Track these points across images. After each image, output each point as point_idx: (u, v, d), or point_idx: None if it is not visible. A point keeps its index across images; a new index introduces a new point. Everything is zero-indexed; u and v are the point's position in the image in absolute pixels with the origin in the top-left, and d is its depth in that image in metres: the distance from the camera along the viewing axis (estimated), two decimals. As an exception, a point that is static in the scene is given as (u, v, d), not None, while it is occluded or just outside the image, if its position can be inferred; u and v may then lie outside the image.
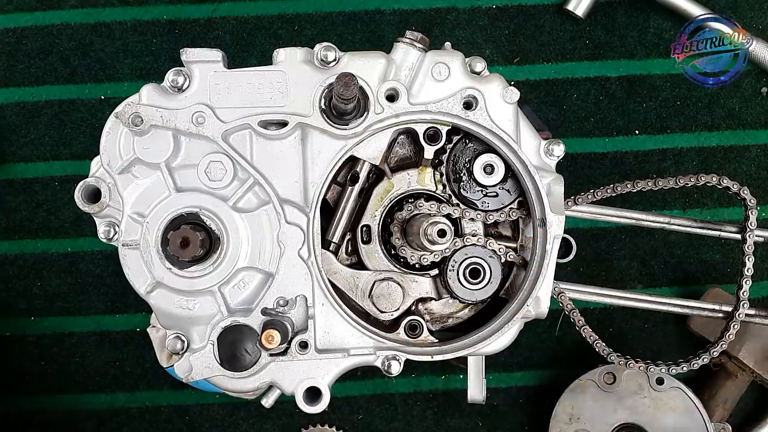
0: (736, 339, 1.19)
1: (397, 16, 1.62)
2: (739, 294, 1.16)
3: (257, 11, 1.61)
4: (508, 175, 1.05)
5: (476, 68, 1.02)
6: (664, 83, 1.63)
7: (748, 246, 1.15)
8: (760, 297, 1.62)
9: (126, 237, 0.98)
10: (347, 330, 0.96)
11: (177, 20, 1.60)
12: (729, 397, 1.50)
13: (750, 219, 1.15)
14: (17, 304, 1.57)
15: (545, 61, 1.63)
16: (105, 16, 1.60)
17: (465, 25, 1.62)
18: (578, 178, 1.59)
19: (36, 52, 1.59)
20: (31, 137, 1.58)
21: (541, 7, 1.63)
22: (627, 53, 1.63)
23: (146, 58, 1.59)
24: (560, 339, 1.57)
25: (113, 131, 0.99)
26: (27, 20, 1.59)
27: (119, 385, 1.57)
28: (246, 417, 1.56)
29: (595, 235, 1.59)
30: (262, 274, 1.00)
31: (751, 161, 1.63)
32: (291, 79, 0.97)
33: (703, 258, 1.61)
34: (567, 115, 1.62)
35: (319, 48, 0.97)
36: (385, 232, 1.08)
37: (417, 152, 1.07)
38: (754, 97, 1.63)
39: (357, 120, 0.98)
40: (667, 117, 1.63)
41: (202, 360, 0.95)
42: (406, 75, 0.99)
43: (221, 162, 0.98)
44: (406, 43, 1.00)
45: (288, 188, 0.99)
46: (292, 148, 0.99)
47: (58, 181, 1.58)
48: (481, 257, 1.06)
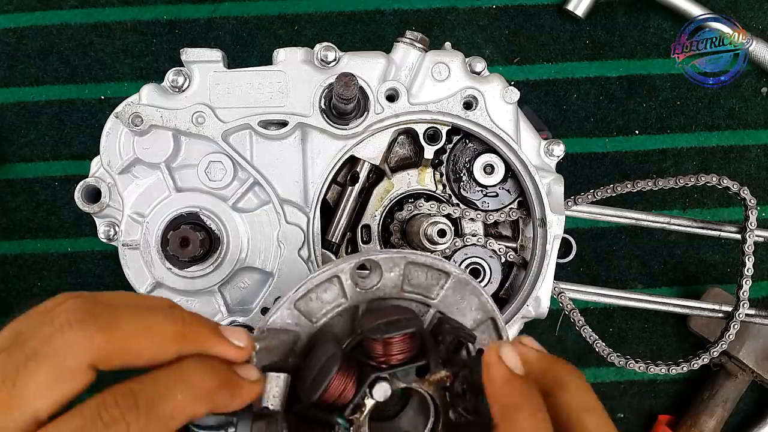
0: (736, 339, 1.19)
1: (397, 16, 1.62)
2: (739, 294, 1.16)
3: (257, 11, 1.61)
4: (508, 175, 1.05)
5: (476, 68, 1.02)
6: (664, 83, 1.62)
7: (748, 246, 1.15)
8: (760, 297, 1.62)
9: (126, 237, 0.98)
10: (347, 330, 0.96)
11: (177, 20, 1.60)
12: (729, 397, 1.50)
13: (750, 219, 1.15)
14: (17, 304, 1.57)
15: (545, 61, 1.63)
16: (105, 16, 1.60)
17: (465, 25, 1.62)
18: (578, 178, 1.59)
19: (36, 52, 1.59)
20: (31, 137, 1.58)
21: (541, 7, 1.63)
22: (627, 53, 1.63)
23: (146, 58, 1.59)
24: (560, 339, 1.57)
25: (113, 131, 0.99)
26: (27, 20, 1.59)
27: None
28: (246, 417, 1.56)
29: (595, 235, 1.59)
30: (262, 274, 1.00)
31: (751, 161, 1.63)
32: (291, 79, 0.97)
33: (703, 258, 1.61)
34: (567, 115, 1.62)
35: (319, 48, 0.97)
36: (385, 232, 1.08)
37: (417, 152, 1.07)
38: (754, 97, 1.63)
39: (357, 120, 0.98)
40: (667, 117, 1.63)
41: (202, 360, 0.94)
42: (406, 75, 0.99)
43: (221, 162, 0.98)
44: (406, 43, 1.00)
45: (288, 188, 0.99)
46: (292, 148, 0.99)
47: (58, 181, 1.58)
48: (481, 257, 1.06)
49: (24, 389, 0.49)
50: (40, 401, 0.49)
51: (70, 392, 0.50)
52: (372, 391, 0.66)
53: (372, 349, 0.67)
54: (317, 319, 0.71)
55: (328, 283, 0.72)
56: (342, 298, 0.73)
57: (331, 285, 0.72)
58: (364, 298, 0.73)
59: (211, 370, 0.55)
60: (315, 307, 0.72)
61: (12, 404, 0.49)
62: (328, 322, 0.72)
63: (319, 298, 0.72)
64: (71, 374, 0.50)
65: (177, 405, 0.51)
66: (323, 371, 0.65)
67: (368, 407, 0.67)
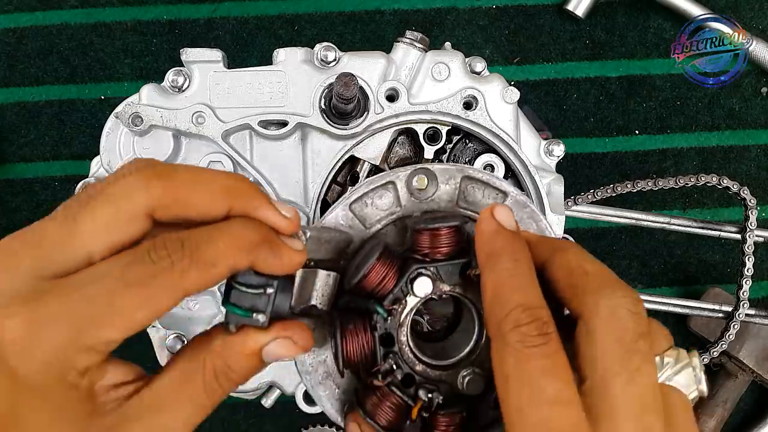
0: (736, 339, 1.19)
1: (397, 16, 1.62)
2: (739, 294, 1.16)
3: (257, 11, 1.61)
4: (508, 175, 1.05)
5: (476, 68, 1.02)
6: (664, 83, 1.63)
7: (748, 246, 1.15)
8: (760, 297, 1.62)
9: (126, 237, 0.98)
10: (347, 330, 0.96)
11: (177, 20, 1.60)
12: (729, 397, 1.50)
13: (750, 219, 1.15)
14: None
15: (545, 61, 1.63)
16: (105, 16, 1.60)
17: (465, 25, 1.62)
18: (578, 178, 1.59)
19: (36, 52, 1.59)
20: (31, 137, 1.58)
21: (541, 7, 1.63)
22: (627, 53, 1.63)
23: (146, 58, 1.60)
24: (560, 339, 1.57)
25: (113, 131, 0.99)
26: (27, 20, 1.59)
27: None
28: (246, 417, 1.56)
29: (595, 235, 1.59)
30: (262, 274, 1.00)
31: (751, 161, 1.63)
32: (291, 79, 0.97)
33: (703, 258, 1.61)
34: (567, 115, 1.62)
35: (319, 48, 0.97)
36: (385, 232, 1.09)
37: (417, 152, 1.07)
38: (754, 97, 1.64)
39: (357, 120, 0.98)
40: (667, 117, 1.63)
41: (202, 360, 0.94)
42: (406, 75, 0.99)
43: (221, 162, 0.98)
44: (406, 43, 1.00)
45: (288, 188, 0.99)
46: (292, 148, 0.99)
47: (58, 181, 1.58)
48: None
49: (82, 226, 0.51)
50: (96, 240, 0.51)
51: (125, 237, 0.52)
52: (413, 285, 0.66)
53: (417, 242, 0.67)
54: (371, 225, 0.72)
55: (383, 189, 0.74)
56: (396, 207, 0.74)
57: (386, 191, 0.74)
58: (418, 208, 0.73)
59: (255, 226, 0.57)
60: (369, 213, 0.74)
61: (69, 240, 0.51)
62: (381, 230, 0.73)
63: (374, 204, 0.74)
64: (128, 218, 0.52)
65: (219, 251, 0.53)
66: (366, 258, 0.65)
67: (410, 305, 0.68)
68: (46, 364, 0.49)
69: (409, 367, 0.70)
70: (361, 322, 0.66)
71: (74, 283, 0.50)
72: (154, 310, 0.52)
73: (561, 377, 0.52)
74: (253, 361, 0.59)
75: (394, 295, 0.66)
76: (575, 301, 0.56)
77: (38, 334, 0.49)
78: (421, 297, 0.67)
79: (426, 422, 0.68)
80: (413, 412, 0.67)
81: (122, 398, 0.54)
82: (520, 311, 0.54)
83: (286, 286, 0.60)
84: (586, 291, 0.55)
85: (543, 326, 0.53)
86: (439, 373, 0.70)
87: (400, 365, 0.69)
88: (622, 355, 0.52)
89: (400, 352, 0.69)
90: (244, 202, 0.57)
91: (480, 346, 0.70)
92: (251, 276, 0.57)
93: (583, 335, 0.54)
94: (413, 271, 0.66)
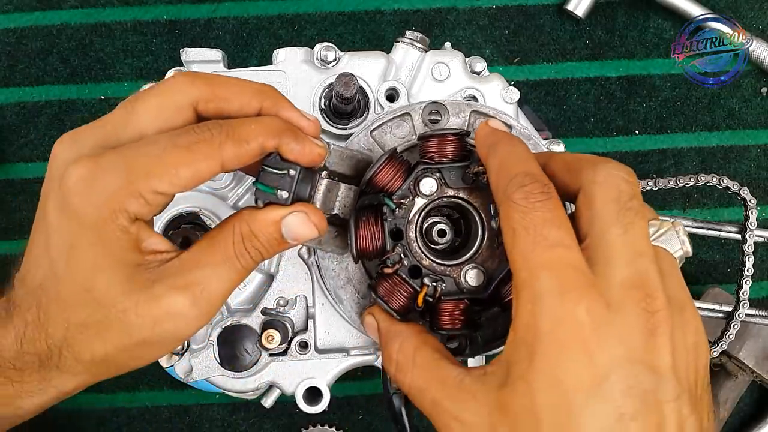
0: (736, 339, 1.19)
1: (397, 16, 1.62)
2: (739, 294, 1.16)
3: (257, 11, 1.61)
4: (508, 175, 1.05)
5: (476, 68, 1.02)
6: (664, 83, 1.63)
7: (748, 246, 1.15)
8: (760, 297, 1.62)
9: (126, 237, 0.98)
10: (347, 330, 0.96)
11: (177, 20, 1.60)
12: (729, 397, 1.50)
13: (750, 219, 1.15)
14: (17, 304, 1.57)
15: (545, 61, 1.63)
16: (105, 16, 1.60)
17: (465, 25, 1.62)
18: (578, 178, 1.59)
19: (36, 52, 1.59)
20: (31, 137, 1.58)
21: (541, 7, 1.63)
22: (627, 53, 1.63)
23: (146, 58, 1.59)
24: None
25: (113, 131, 0.99)
26: (27, 20, 1.59)
27: (119, 385, 1.57)
28: (246, 417, 1.56)
29: (595, 235, 1.59)
30: (262, 275, 1.00)
31: (751, 161, 1.63)
32: (291, 79, 0.97)
33: (703, 258, 1.61)
34: (567, 115, 1.62)
35: (319, 48, 0.97)
36: (385, 232, 1.09)
37: (417, 152, 1.08)
38: (754, 97, 1.64)
39: (357, 120, 0.98)
40: (667, 117, 1.63)
41: (202, 360, 0.95)
42: (406, 75, 0.99)
43: (221, 162, 0.98)
44: (406, 43, 1.00)
45: (288, 188, 0.99)
46: (292, 148, 0.99)
47: (58, 181, 1.58)
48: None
49: (139, 111, 0.64)
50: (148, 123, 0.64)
51: (172, 123, 0.64)
52: (419, 185, 0.77)
53: (425, 147, 0.78)
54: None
55: (400, 119, 0.89)
56: (412, 135, 0.88)
57: (403, 122, 0.88)
58: None
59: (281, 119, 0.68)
60: (388, 140, 0.87)
61: (128, 121, 0.64)
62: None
63: (393, 132, 0.88)
64: (176, 107, 0.64)
65: (251, 131, 0.64)
66: (378, 159, 0.76)
67: (417, 205, 0.78)
68: (102, 205, 0.60)
69: (416, 260, 0.78)
70: (373, 214, 0.77)
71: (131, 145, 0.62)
72: (196, 170, 0.62)
73: (562, 226, 0.59)
74: (274, 230, 0.67)
75: (402, 191, 0.77)
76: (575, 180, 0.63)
77: (97, 179, 0.60)
78: (427, 195, 0.77)
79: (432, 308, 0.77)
80: (419, 297, 0.76)
81: (163, 261, 0.65)
82: (523, 176, 0.62)
83: (307, 177, 0.69)
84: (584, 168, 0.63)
85: (544, 186, 0.60)
86: (443, 268, 0.78)
87: (408, 256, 0.78)
88: (617, 211, 0.59)
89: (408, 245, 0.78)
90: (272, 103, 0.68)
91: (483, 247, 0.78)
92: (278, 161, 0.67)
93: (583, 202, 0.62)
94: (420, 170, 0.77)
